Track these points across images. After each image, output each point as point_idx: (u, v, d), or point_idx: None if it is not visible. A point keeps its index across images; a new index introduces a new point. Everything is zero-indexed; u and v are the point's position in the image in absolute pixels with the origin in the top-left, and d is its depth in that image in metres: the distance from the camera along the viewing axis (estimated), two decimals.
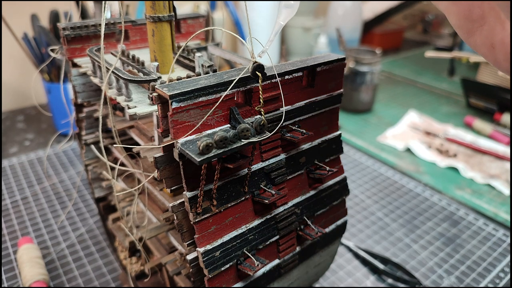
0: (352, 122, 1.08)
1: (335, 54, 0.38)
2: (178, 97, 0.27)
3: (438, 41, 1.75)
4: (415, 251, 0.64)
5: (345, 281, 0.58)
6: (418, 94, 1.28)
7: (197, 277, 0.33)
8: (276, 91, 0.33)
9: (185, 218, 0.32)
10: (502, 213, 0.73)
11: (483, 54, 0.24)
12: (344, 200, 0.43)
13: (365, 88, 1.09)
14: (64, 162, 0.85)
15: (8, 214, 0.69)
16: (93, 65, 0.44)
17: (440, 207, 0.75)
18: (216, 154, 0.27)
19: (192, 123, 0.29)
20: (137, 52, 0.49)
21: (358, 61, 1.06)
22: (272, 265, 0.37)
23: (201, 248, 0.32)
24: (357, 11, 1.33)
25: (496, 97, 1.05)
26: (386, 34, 1.64)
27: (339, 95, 0.39)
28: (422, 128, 1.03)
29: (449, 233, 0.68)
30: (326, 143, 0.40)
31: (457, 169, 0.86)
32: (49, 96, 0.92)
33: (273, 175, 0.35)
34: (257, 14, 1.20)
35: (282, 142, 0.36)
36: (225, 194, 0.32)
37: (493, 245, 0.66)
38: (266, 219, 0.36)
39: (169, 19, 0.39)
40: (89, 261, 0.60)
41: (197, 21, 0.53)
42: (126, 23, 0.48)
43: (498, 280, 0.59)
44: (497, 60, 0.23)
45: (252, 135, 0.29)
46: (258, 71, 0.30)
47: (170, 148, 0.30)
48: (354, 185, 0.81)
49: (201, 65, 0.39)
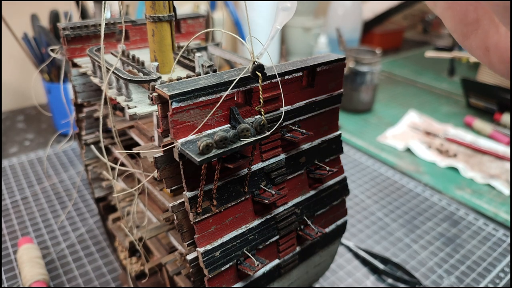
0: (352, 122, 1.08)
1: (335, 54, 0.38)
2: (178, 97, 0.27)
3: (438, 41, 1.75)
4: (415, 251, 0.64)
5: (345, 281, 0.58)
6: (418, 94, 1.28)
7: (197, 277, 0.33)
8: (276, 91, 0.33)
9: (185, 218, 0.32)
10: (502, 213, 0.73)
11: (478, 57, 0.24)
12: (344, 200, 0.43)
13: (365, 88, 1.09)
14: (64, 162, 0.85)
15: (8, 214, 0.69)
16: (93, 65, 0.44)
17: (440, 207, 0.75)
18: (216, 154, 0.27)
19: (192, 123, 0.29)
20: (137, 52, 0.49)
21: (358, 61, 1.06)
22: (272, 265, 0.37)
23: (201, 248, 0.32)
24: (357, 11, 1.33)
25: (496, 97, 1.05)
26: (386, 34, 1.64)
27: (339, 95, 0.39)
28: (422, 128, 1.03)
29: (449, 233, 0.68)
30: (326, 143, 0.40)
31: (457, 169, 0.86)
32: (49, 96, 0.92)
33: (273, 175, 0.35)
34: (257, 14, 1.20)
35: (282, 142, 0.36)
36: (225, 194, 0.32)
37: (493, 245, 0.66)
38: (266, 219, 0.36)
39: (169, 19, 0.39)
40: (89, 261, 0.60)
41: (197, 21, 0.53)
42: (126, 23, 0.48)
43: (498, 280, 0.59)
44: (492, 62, 0.24)
45: (252, 135, 0.29)
46: (258, 71, 0.30)
47: (170, 148, 0.30)
48: (354, 185, 0.81)
49: (201, 65, 0.39)
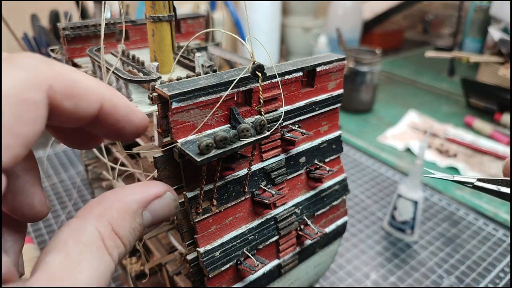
0: (352, 122, 1.08)
1: (335, 54, 0.38)
2: (178, 97, 0.27)
3: (438, 41, 1.75)
4: (415, 251, 0.64)
5: (345, 281, 0.58)
6: (418, 94, 1.28)
7: (197, 277, 0.33)
8: (276, 91, 0.33)
9: (185, 218, 0.32)
10: (502, 213, 0.73)
11: None
12: (344, 200, 0.43)
13: (365, 88, 1.09)
14: (64, 162, 0.85)
15: None
16: (93, 65, 0.44)
17: (440, 207, 0.75)
18: (216, 154, 0.27)
19: (192, 123, 0.29)
20: (137, 52, 0.49)
21: (358, 61, 1.06)
22: (272, 265, 0.37)
23: (201, 248, 0.32)
24: (357, 11, 1.34)
25: (496, 97, 1.05)
26: (386, 34, 1.64)
27: (339, 95, 0.39)
28: (422, 128, 1.03)
29: (449, 233, 0.68)
30: (326, 143, 0.40)
31: (457, 169, 0.86)
32: None
33: (273, 175, 0.35)
34: (257, 14, 1.20)
35: (282, 142, 0.36)
36: (225, 194, 0.32)
37: (493, 245, 0.66)
38: (266, 219, 0.36)
39: (169, 19, 0.39)
40: None
41: (197, 21, 0.53)
42: (126, 23, 0.48)
43: (498, 280, 0.59)
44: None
45: (252, 135, 0.29)
46: (258, 71, 0.30)
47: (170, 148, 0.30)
48: (354, 185, 0.81)
49: (201, 65, 0.39)
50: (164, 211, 0.23)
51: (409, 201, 0.63)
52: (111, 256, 0.19)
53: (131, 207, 0.21)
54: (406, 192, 0.64)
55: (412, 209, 0.64)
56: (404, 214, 0.65)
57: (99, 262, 0.18)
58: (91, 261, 0.18)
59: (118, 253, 0.19)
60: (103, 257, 0.18)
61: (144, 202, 0.22)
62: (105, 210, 0.20)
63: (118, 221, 0.20)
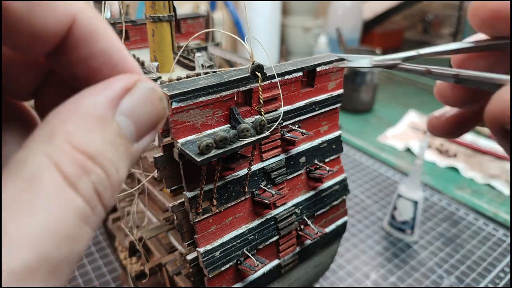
0: (352, 122, 1.08)
1: (335, 54, 0.38)
2: (178, 97, 0.27)
3: (438, 41, 1.75)
4: (415, 251, 0.64)
5: (345, 281, 0.58)
6: (418, 94, 1.28)
7: (197, 277, 0.33)
8: (276, 91, 0.33)
9: (185, 218, 0.32)
10: (502, 213, 0.73)
11: None
12: (344, 200, 0.43)
13: (365, 88, 1.09)
14: None
15: None
16: None
17: (440, 207, 0.75)
18: (216, 154, 0.27)
19: (192, 123, 0.29)
20: (137, 52, 0.49)
21: None
22: (272, 265, 0.37)
23: (201, 248, 0.32)
24: (357, 11, 1.34)
25: None
26: (386, 34, 1.64)
27: (339, 95, 0.39)
28: (422, 128, 1.03)
29: (449, 233, 0.68)
30: (326, 143, 0.40)
31: (457, 169, 0.86)
32: None
33: (273, 175, 0.35)
34: (257, 14, 1.20)
35: (282, 142, 0.36)
36: (225, 194, 0.32)
37: (493, 245, 0.66)
38: (266, 219, 0.36)
39: (169, 19, 0.39)
40: (89, 261, 0.60)
41: (197, 21, 0.53)
42: (126, 23, 0.48)
43: (498, 280, 0.59)
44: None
45: (252, 135, 0.29)
46: (258, 71, 0.30)
47: (170, 148, 0.30)
48: (354, 185, 0.81)
49: (201, 65, 0.39)
50: (146, 108, 0.16)
51: (409, 201, 0.63)
52: (76, 189, 0.13)
53: (93, 112, 0.14)
54: (406, 192, 0.64)
55: (412, 209, 0.64)
56: (404, 214, 0.65)
57: (49, 203, 0.12)
58: (33, 205, 0.12)
59: (92, 181, 0.14)
60: (59, 193, 0.13)
61: (109, 101, 0.15)
62: (53, 127, 0.14)
63: (79, 135, 0.14)
